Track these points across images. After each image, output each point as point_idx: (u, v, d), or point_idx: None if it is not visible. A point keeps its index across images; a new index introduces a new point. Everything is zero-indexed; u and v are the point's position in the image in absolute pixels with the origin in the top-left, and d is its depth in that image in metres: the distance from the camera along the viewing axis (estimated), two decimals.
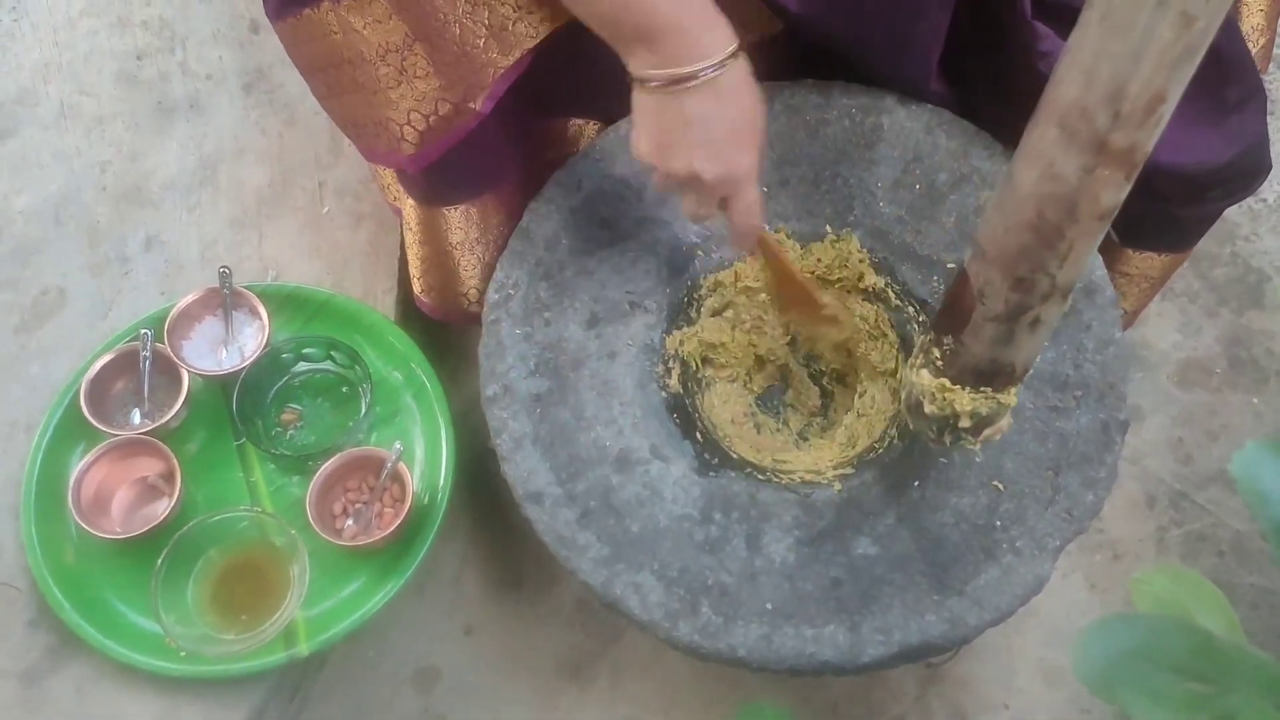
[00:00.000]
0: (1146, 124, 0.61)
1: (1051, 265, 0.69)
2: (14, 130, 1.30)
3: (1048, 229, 0.66)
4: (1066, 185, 0.64)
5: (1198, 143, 0.92)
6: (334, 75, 0.92)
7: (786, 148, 1.00)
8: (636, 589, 0.84)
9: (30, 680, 1.01)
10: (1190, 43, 0.57)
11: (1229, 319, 1.32)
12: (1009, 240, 0.69)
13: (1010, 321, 0.73)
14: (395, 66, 0.87)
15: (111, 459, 1.06)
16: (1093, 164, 0.62)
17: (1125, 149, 0.62)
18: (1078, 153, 0.63)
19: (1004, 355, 0.75)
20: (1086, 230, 0.66)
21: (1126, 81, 0.59)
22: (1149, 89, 0.59)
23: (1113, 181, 0.64)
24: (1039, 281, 0.70)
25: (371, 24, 0.85)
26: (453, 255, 1.03)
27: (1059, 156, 0.63)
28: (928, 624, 0.83)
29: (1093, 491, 0.87)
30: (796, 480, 0.91)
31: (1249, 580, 1.19)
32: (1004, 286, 0.71)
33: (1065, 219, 0.66)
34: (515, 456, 0.90)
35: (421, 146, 0.91)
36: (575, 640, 1.17)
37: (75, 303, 1.19)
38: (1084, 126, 0.62)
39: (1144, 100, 0.60)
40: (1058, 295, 0.71)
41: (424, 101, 0.88)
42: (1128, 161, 0.63)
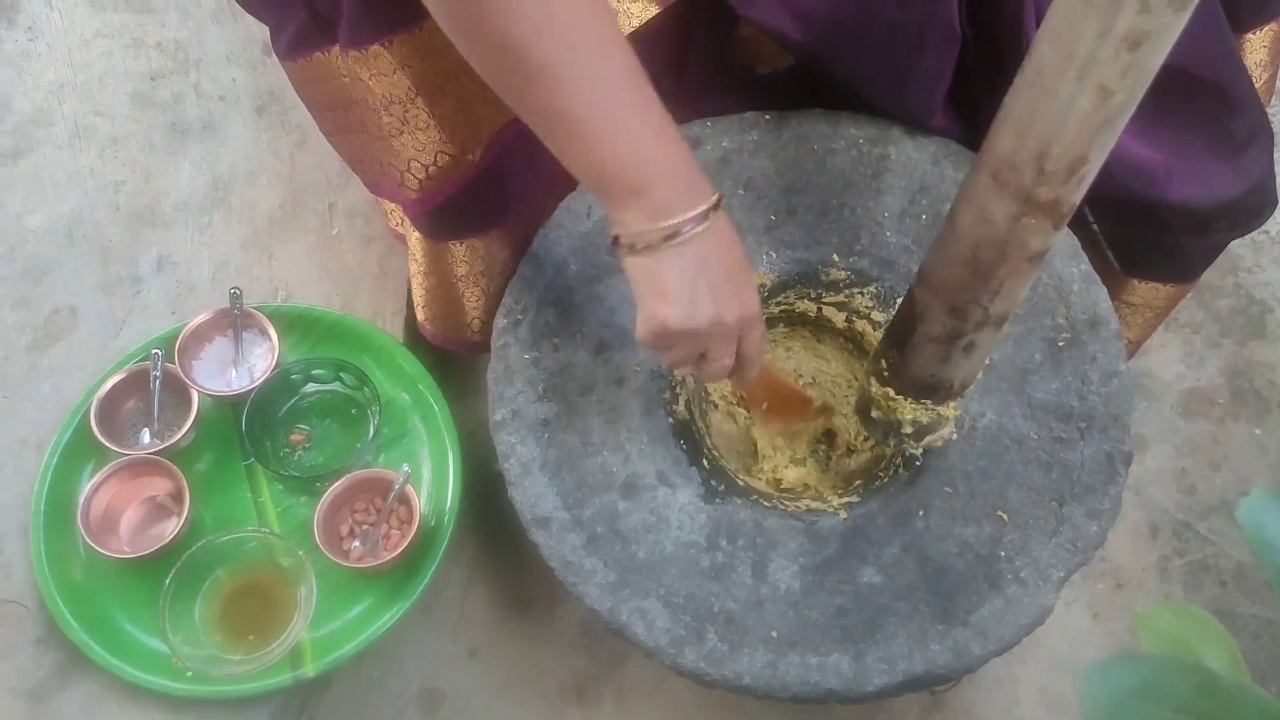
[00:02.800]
0: (1069, 182, 0.65)
1: (984, 298, 0.74)
2: (29, 149, 1.31)
3: (981, 266, 0.72)
4: (998, 229, 0.69)
5: (1206, 178, 0.93)
6: (341, 115, 0.94)
7: (794, 177, 1.01)
8: (642, 615, 0.85)
9: (38, 699, 1.01)
10: (1109, 114, 0.61)
11: (1232, 350, 1.32)
12: (947, 272, 0.75)
13: (947, 343, 0.79)
14: (398, 117, 0.87)
15: (121, 478, 1.06)
16: (1021, 213, 0.67)
17: (1050, 202, 0.66)
18: (1008, 202, 0.67)
19: (942, 372, 0.82)
20: (1016, 270, 0.72)
21: (1051, 143, 0.64)
22: (1071, 151, 0.64)
23: (1040, 229, 0.68)
24: (973, 311, 0.76)
25: (376, 76, 0.85)
26: (457, 287, 1.04)
27: (992, 203, 0.68)
28: (932, 653, 0.83)
29: (1097, 523, 0.87)
30: (802, 508, 0.92)
31: (1251, 611, 1.19)
32: (942, 312, 0.77)
33: (997, 259, 0.71)
34: (523, 481, 0.90)
35: (422, 192, 0.92)
36: (579, 664, 1.18)
37: (87, 322, 1.20)
38: (1013, 179, 0.66)
39: (1067, 161, 0.64)
40: (991, 324, 0.77)
41: (424, 152, 0.89)
42: (1054, 213, 0.67)
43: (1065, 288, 0.96)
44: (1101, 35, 0.58)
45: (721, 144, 1.02)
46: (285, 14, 0.89)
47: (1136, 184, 0.93)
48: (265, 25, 0.97)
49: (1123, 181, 0.92)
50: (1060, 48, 0.61)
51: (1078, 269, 0.97)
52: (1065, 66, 0.61)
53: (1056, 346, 0.94)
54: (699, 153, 1.01)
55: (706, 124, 1.03)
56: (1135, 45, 0.58)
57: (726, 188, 1.01)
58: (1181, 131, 0.92)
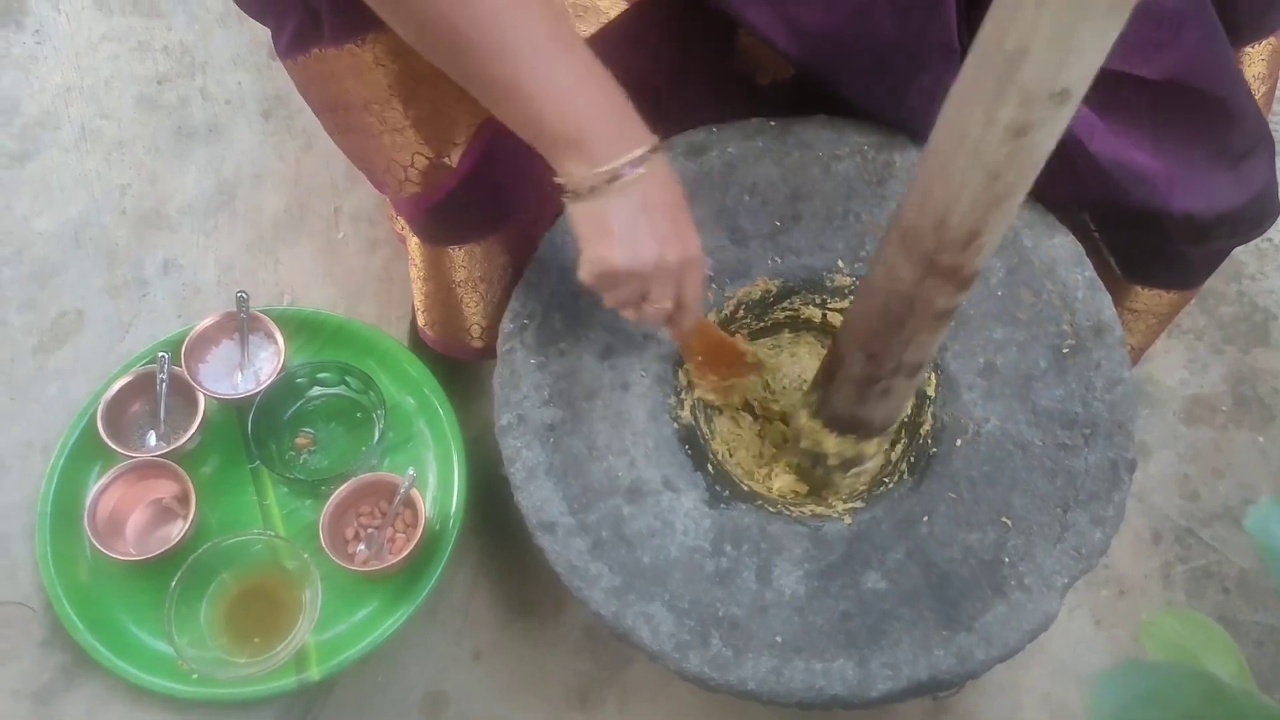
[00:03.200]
0: (967, 251, 0.69)
1: (896, 348, 0.79)
2: (35, 152, 1.32)
3: (892, 319, 0.77)
4: (906, 287, 0.74)
5: (1208, 189, 0.94)
6: (341, 115, 0.94)
7: (799, 183, 1.01)
8: (647, 620, 0.85)
9: (43, 700, 1.01)
10: (998, 194, 0.65)
11: (1235, 357, 1.33)
12: (864, 322, 0.81)
13: (864, 386, 0.85)
14: (378, 117, 0.88)
15: (127, 480, 1.07)
16: (924, 275, 0.72)
17: (951, 267, 0.71)
18: (913, 264, 0.72)
19: (861, 412, 0.88)
20: (924, 325, 0.77)
21: (948, 216, 0.68)
22: (966, 224, 0.68)
23: (943, 290, 0.73)
24: (886, 359, 0.81)
25: (356, 75, 0.86)
26: (455, 293, 1.04)
27: (900, 264, 0.73)
28: (936, 659, 0.83)
29: (1101, 529, 0.87)
30: (806, 514, 0.92)
31: (1254, 618, 1.19)
32: (860, 358, 0.83)
33: (906, 313, 0.76)
34: (528, 486, 0.90)
35: (403, 193, 0.93)
36: (583, 667, 1.18)
37: (93, 324, 1.21)
38: (917, 245, 0.71)
39: (963, 233, 0.68)
40: (904, 372, 0.82)
41: (402, 153, 0.90)
42: (955, 277, 0.72)
43: (1070, 295, 0.96)
44: (988, 124, 0.61)
45: (727, 150, 1.02)
46: (284, 14, 0.90)
47: (1138, 193, 0.93)
48: (267, 29, 0.98)
49: (1125, 190, 0.93)
50: (952, 132, 0.64)
51: (1082, 276, 0.97)
52: (957, 149, 0.64)
53: (1061, 353, 0.94)
54: (704, 159, 1.02)
55: (712, 130, 1.03)
56: (1019, 134, 0.61)
57: (732, 194, 1.01)
58: (1183, 142, 0.93)
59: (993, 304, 0.97)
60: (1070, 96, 0.59)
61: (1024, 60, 0.57)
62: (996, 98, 0.60)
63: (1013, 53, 0.57)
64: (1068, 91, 0.59)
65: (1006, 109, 0.60)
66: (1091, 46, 0.57)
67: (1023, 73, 0.58)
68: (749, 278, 1.00)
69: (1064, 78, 0.58)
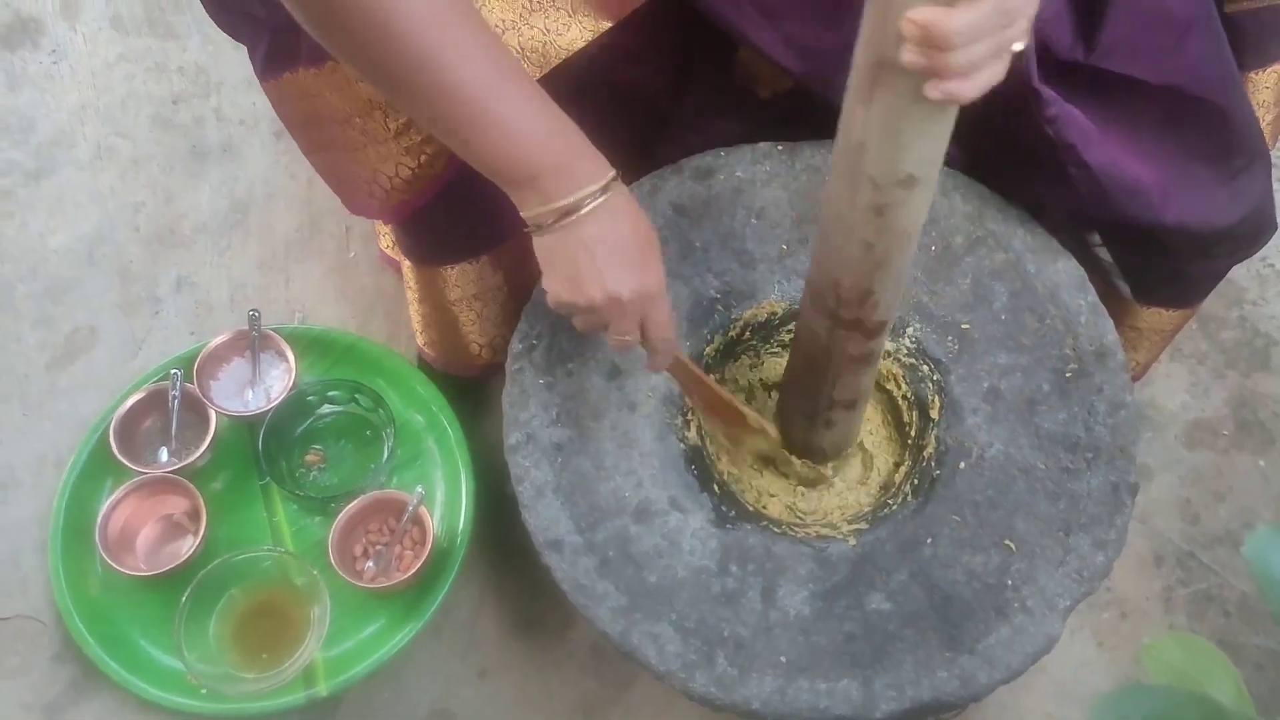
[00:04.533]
0: (864, 306, 0.77)
1: (825, 388, 0.88)
2: (51, 170, 1.33)
3: (815, 363, 0.86)
4: (820, 337, 0.82)
5: (1203, 202, 0.95)
6: (315, 132, 0.96)
7: (807, 207, 1.02)
8: (654, 639, 0.86)
9: (53, 714, 1.02)
10: (878, 260, 0.72)
11: (1237, 381, 1.34)
12: (797, 366, 0.90)
13: (809, 419, 0.93)
14: (359, 130, 0.90)
15: (139, 496, 1.08)
16: (832, 326, 0.80)
17: (852, 320, 0.79)
18: (821, 317, 0.80)
19: (811, 439, 0.96)
20: (845, 368, 0.85)
21: (839, 280, 0.76)
22: (858, 286, 0.75)
23: (852, 340, 0.81)
24: (821, 396, 0.89)
25: (335, 90, 0.88)
26: (451, 311, 1.05)
27: (813, 317, 0.82)
28: (939, 681, 0.84)
29: (1103, 553, 0.88)
30: (812, 535, 0.93)
31: (1255, 641, 1.20)
32: (799, 395, 0.92)
33: (825, 358, 0.84)
34: (536, 504, 0.91)
35: (390, 204, 0.94)
36: (588, 686, 1.18)
37: (106, 341, 1.22)
38: (821, 301, 0.79)
39: (856, 293, 0.76)
40: (840, 406, 0.90)
41: (386, 163, 0.91)
42: (859, 328, 0.79)
43: (1072, 319, 0.97)
44: (851, 205, 0.69)
45: (735, 174, 1.03)
46: (256, 36, 0.91)
47: (1132, 207, 0.93)
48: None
49: (1119, 205, 0.93)
50: (831, 210, 0.72)
51: (1085, 301, 0.98)
52: (836, 225, 0.72)
53: (1064, 378, 0.95)
54: (711, 182, 1.03)
55: (720, 154, 1.04)
56: (879, 213, 0.68)
57: (739, 217, 1.02)
58: (1181, 154, 0.93)
59: (996, 329, 0.98)
60: (917, 181, 0.65)
61: (865, 153, 0.64)
62: (853, 184, 0.67)
63: (857, 147, 0.65)
64: (913, 177, 0.65)
65: (863, 193, 0.67)
66: (921, 142, 0.64)
67: (867, 163, 0.65)
68: (755, 300, 1.01)
69: (904, 166, 0.65)
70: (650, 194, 1.03)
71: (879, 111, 0.62)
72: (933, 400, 0.97)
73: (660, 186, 1.04)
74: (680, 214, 1.03)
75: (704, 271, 1.01)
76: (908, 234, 0.71)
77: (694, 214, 1.03)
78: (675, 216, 1.02)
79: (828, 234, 0.74)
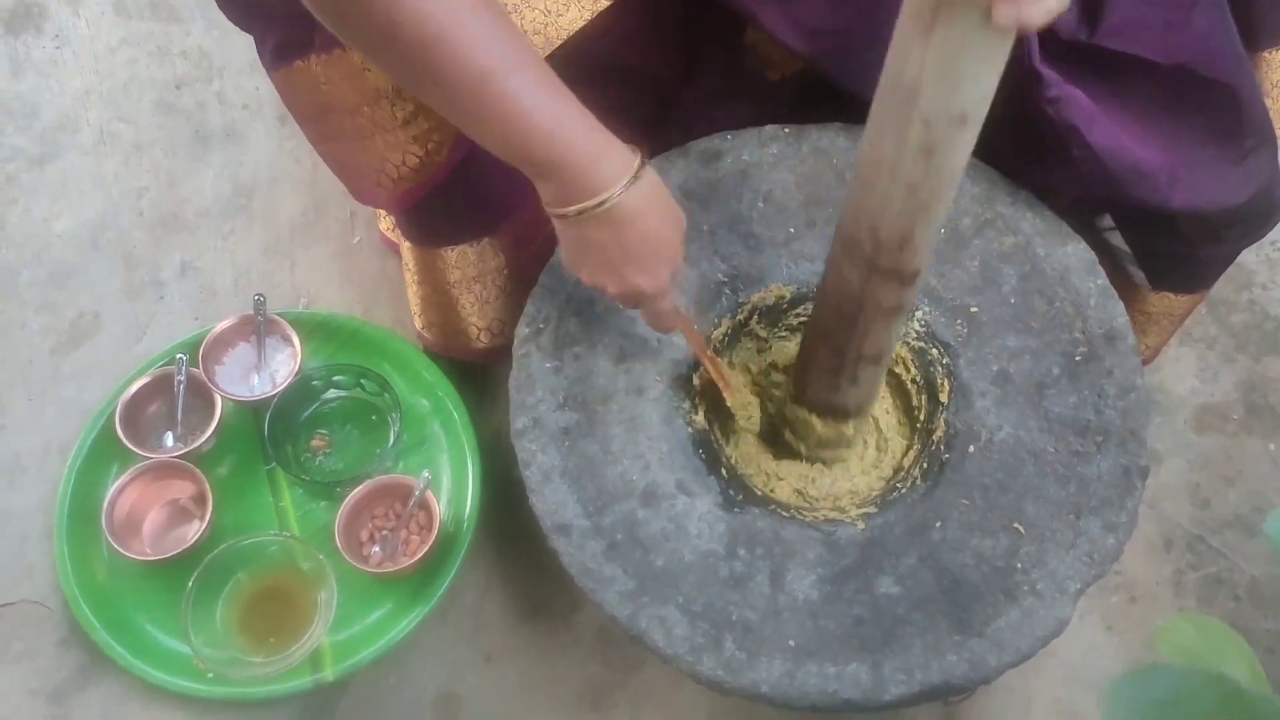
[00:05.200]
0: (903, 252, 0.75)
1: (855, 341, 0.86)
2: (55, 155, 1.33)
3: (845, 316, 0.84)
4: (852, 287, 0.80)
5: (1211, 184, 0.94)
6: (323, 123, 0.95)
7: (814, 190, 1.02)
8: (661, 623, 0.85)
9: (59, 699, 1.02)
10: (921, 202, 0.71)
11: (1246, 365, 1.33)
12: (824, 320, 0.88)
13: (834, 375, 0.91)
14: (368, 119, 0.90)
15: (144, 481, 1.08)
16: (867, 275, 0.78)
17: (890, 268, 0.77)
18: (856, 266, 0.79)
19: (835, 399, 0.94)
20: (877, 320, 0.83)
21: (878, 225, 0.74)
22: (898, 231, 0.74)
23: (887, 289, 0.79)
24: (849, 351, 0.87)
25: (346, 78, 0.87)
26: (450, 294, 1.04)
27: (845, 268, 0.80)
28: (949, 664, 0.83)
29: (1113, 535, 0.88)
30: (820, 518, 0.92)
31: (1265, 625, 1.19)
32: (825, 351, 0.90)
33: (856, 311, 0.82)
34: (544, 489, 0.91)
35: (397, 192, 0.95)
36: (595, 670, 1.18)
37: (110, 326, 1.22)
38: (856, 250, 0.77)
39: (895, 238, 0.74)
40: (867, 361, 0.88)
41: (394, 151, 0.91)
42: (895, 276, 0.78)
43: (1082, 302, 0.96)
44: (899, 146, 0.68)
45: (742, 157, 1.03)
46: (267, 26, 0.91)
47: (1139, 190, 0.92)
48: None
49: (1126, 188, 0.92)
50: (873, 153, 0.70)
51: (1095, 284, 0.97)
52: (878, 169, 0.70)
53: (1074, 361, 0.94)
54: (718, 165, 1.02)
55: (727, 137, 1.04)
56: (929, 154, 0.67)
57: (747, 200, 1.02)
58: (1190, 135, 0.93)
59: (1006, 312, 0.97)
60: (969, 118, 0.65)
61: (920, 91, 0.64)
62: (903, 125, 0.66)
63: (910, 85, 0.64)
64: (965, 115, 0.65)
65: (914, 134, 0.66)
66: (978, 76, 0.63)
67: (921, 102, 0.64)
68: (763, 284, 1.00)
69: (958, 104, 0.64)
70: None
71: (938, 45, 0.61)
72: (941, 384, 0.96)
73: (667, 170, 1.03)
74: (687, 197, 1.02)
75: (711, 255, 1.00)
76: (954, 176, 0.70)
77: (701, 197, 1.02)
78: (682, 200, 1.02)
79: (868, 181, 0.72)
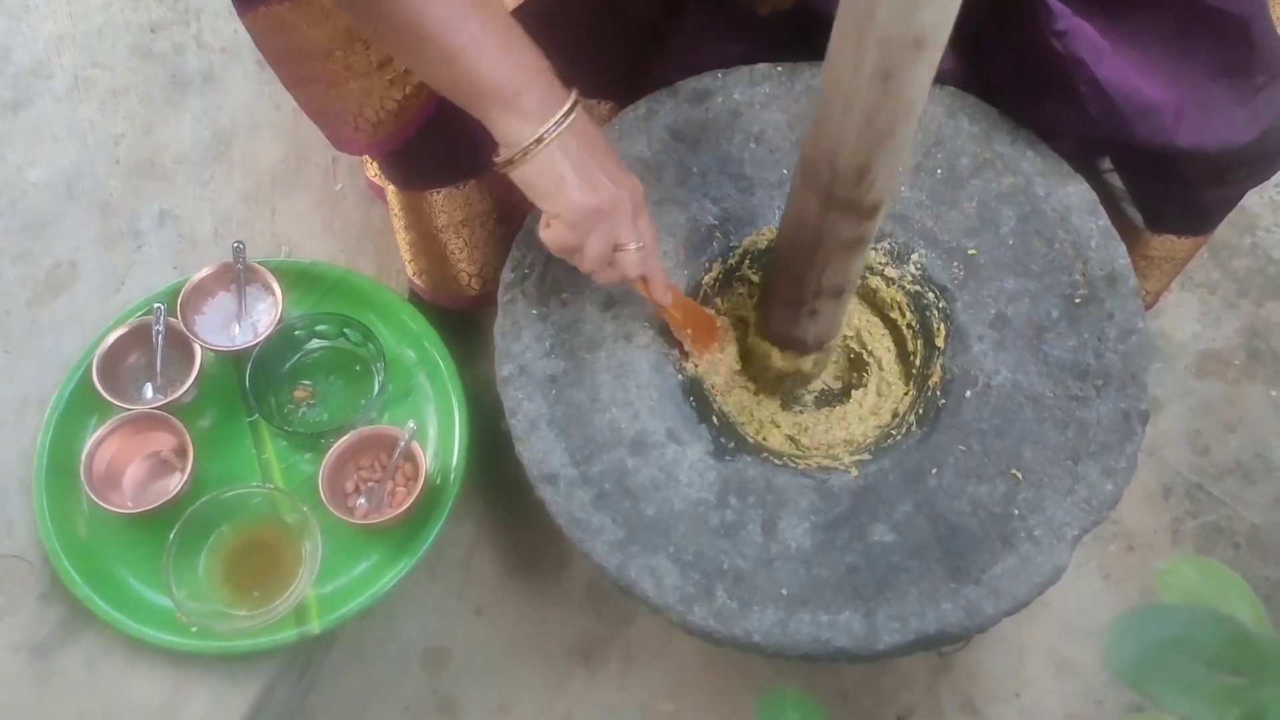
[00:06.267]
0: (860, 185, 0.74)
1: (813, 274, 0.85)
2: (28, 102, 1.29)
3: (803, 248, 0.83)
4: (812, 220, 0.79)
5: (1218, 122, 0.92)
6: (296, 67, 0.93)
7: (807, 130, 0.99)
8: (651, 572, 0.84)
9: (41, 653, 1.01)
10: (878, 134, 0.69)
11: (1249, 310, 1.31)
12: (784, 253, 0.86)
13: (794, 308, 0.90)
14: (341, 64, 0.88)
15: (124, 433, 1.05)
16: (825, 207, 0.77)
17: (847, 200, 0.76)
18: (814, 197, 0.77)
19: (794, 332, 0.93)
20: (836, 253, 0.82)
21: (837, 155, 0.72)
22: (855, 161, 0.72)
23: (845, 222, 0.78)
24: (808, 284, 0.86)
25: (314, 23, 0.85)
26: (439, 239, 1.02)
27: (805, 199, 0.79)
28: (944, 612, 0.82)
29: (1112, 481, 0.86)
30: (813, 465, 0.90)
31: (1264, 573, 1.18)
32: (784, 283, 0.88)
33: (814, 243, 0.81)
34: (530, 438, 0.89)
35: (376, 137, 0.92)
36: (586, 623, 1.17)
37: (88, 276, 1.19)
38: (815, 180, 0.76)
39: (853, 169, 0.73)
40: (827, 294, 0.87)
41: (371, 96, 0.89)
42: (853, 208, 0.77)
43: (1083, 244, 0.94)
44: (856, 71, 0.66)
45: (733, 96, 1.00)
46: None
47: (1145, 128, 0.90)
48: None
49: (1131, 126, 0.90)
50: (829, 78, 0.69)
51: (1096, 225, 0.95)
52: (834, 95, 0.69)
53: (1074, 303, 0.92)
54: (709, 105, 1.00)
55: (717, 75, 1.01)
56: (885, 79, 0.65)
57: (738, 141, 0.99)
58: (1198, 70, 0.91)
59: (1004, 253, 0.95)
60: (927, 42, 0.63)
61: (875, 11, 0.62)
62: (858, 48, 0.65)
63: (866, 5, 0.62)
64: (921, 40, 0.63)
65: (869, 57, 0.65)
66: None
67: (877, 23, 0.63)
68: (755, 226, 0.98)
69: (914, 26, 0.62)
70: (646, 118, 1.00)
71: None
72: (938, 328, 0.94)
73: (656, 110, 1.00)
74: (677, 139, 0.99)
75: (701, 198, 0.98)
76: (912, 104, 0.68)
77: (691, 138, 0.99)
78: (672, 141, 0.99)
79: (827, 104, 0.70)
